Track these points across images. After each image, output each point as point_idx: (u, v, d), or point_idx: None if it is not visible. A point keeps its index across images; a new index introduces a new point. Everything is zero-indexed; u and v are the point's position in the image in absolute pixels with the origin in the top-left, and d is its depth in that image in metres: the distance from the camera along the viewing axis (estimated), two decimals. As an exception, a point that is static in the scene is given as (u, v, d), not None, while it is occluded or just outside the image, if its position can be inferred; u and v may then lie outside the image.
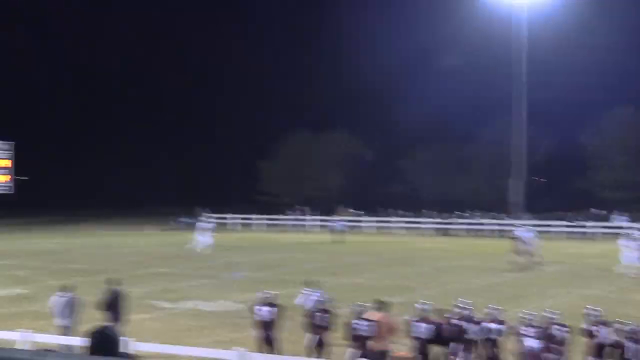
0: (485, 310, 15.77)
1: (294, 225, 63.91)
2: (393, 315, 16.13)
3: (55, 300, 18.10)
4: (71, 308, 18.00)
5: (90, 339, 3.96)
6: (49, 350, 5.28)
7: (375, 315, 15.52)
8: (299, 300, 18.83)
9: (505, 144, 68.22)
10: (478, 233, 56.29)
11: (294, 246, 46.10)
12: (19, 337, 15.58)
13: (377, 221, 61.25)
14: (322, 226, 59.89)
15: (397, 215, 61.56)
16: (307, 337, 16.38)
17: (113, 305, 18.51)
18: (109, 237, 53.53)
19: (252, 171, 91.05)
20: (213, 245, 42.62)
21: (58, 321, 17.91)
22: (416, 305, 15.74)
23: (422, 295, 24.47)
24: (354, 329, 15.21)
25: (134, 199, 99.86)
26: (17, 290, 27.04)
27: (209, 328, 20.73)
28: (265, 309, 16.88)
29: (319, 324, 16.28)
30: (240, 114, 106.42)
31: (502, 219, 58.09)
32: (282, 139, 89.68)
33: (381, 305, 15.95)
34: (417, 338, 15.20)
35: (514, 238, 36.32)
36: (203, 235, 43.10)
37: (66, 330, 17.56)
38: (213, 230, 44.81)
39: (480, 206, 64.67)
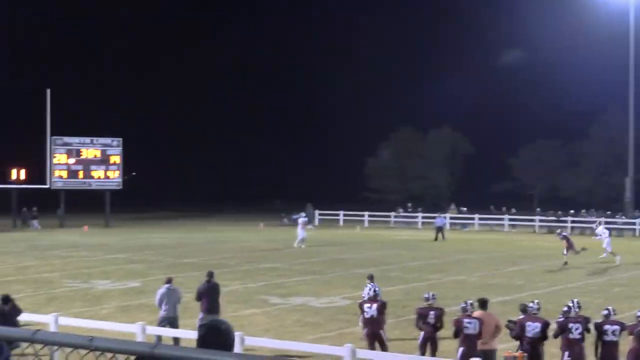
0: (602, 311, 15.43)
1: (399, 222, 63.87)
2: (498, 314, 16.03)
3: (160, 292, 18.68)
4: (174, 300, 18.55)
5: (202, 332, 3.96)
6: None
7: (480, 314, 15.47)
8: (363, 293, 18.98)
9: (617, 141, 66.42)
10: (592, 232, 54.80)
11: (398, 243, 46.07)
12: (136, 330, 16.10)
13: (483, 218, 60.52)
14: (426, 223, 59.60)
15: (504, 213, 60.50)
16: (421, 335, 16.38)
17: (208, 296, 18.94)
18: (219, 232, 54.52)
19: (359, 168, 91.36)
20: (304, 240, 43.05)
21: (162, 313, 18.44)
22: (527, 304, 15.58)
23: (531, 294, 24.23)
24: (463, 327, 15.19)
25: (244, 195, 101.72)
26: (133, 284, 27.92)
27: (318, 324, 21.00)
28: (374, 305, 16.98)
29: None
30: (349, 111, 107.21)
31: (619, 217, 56.25)
32: (389, 136, 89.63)
33: (485, 304, 15.88)
34: (527, 337, 15.06)
35: (565, 236, 36.24)
36: (301, 230, 43.65)
37: (170, 322, 18.06)
38: (306, 225, 45.09)
39: (590, 204, 63.14)
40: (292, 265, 34.21)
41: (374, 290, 17.31)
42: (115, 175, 59.55)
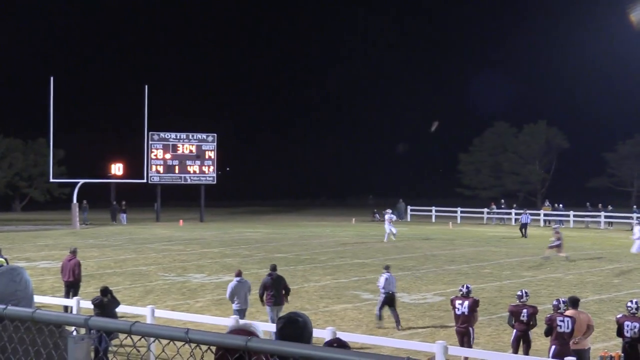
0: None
1: (492, 219, 63.06)
2: (594, 312, 15.67)
3: (231, 285, 18.89)
4: (245, 292, 18.77)
5: (280, 324, 3.98)
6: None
7: (572, 312, 15.15)
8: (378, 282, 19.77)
9: None
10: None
11: (492, 240, 45.47)
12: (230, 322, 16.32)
13: (578, 215, 59.19)
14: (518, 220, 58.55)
15: (600, 210, 59.01)
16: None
17: (273, 289, 19.09)
18: (311, 227, 54.84)
19: (453, 164, 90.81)
20: (394, 234, 43.13)
21: (235, 306, 18.68)
22: (627, 304, 15.18)
23: (629, 293, 23.63)
24: (556, 326, 14.90)
25: (338, 190, 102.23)
26: (227, 278, 28.31)
27: (410, 320, 20.91)
28: (465, 302, 16.81)
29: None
30: (445, 104, 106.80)
31: None
32: (483, 131, 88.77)
33: (576, 303, 15.53)
34: (626, 337, 14.70)
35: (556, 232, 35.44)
36: (388, 224, 43.89)
37: (240, 314, 18.29)
38: (392, 220, 45.03)
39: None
40: (384, 261, 34.20)
41: (466, 287, 17.13)
42: (209, 170, 60.48)
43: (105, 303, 16.87)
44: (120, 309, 17.46)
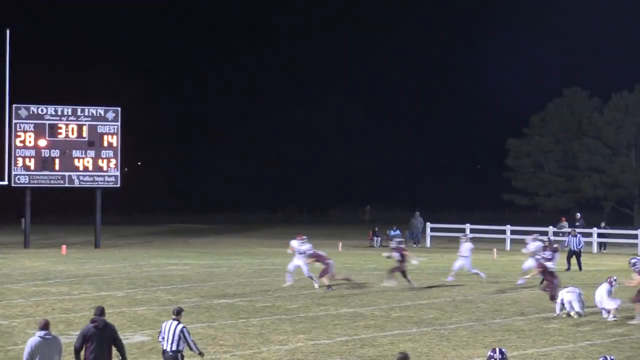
0: None
1: (563, 242, 62.87)
2: None
3: (31, 343, 18.86)
4: (52, 355, 18.84)
5: None
6: None
7: None
8: None
9: None
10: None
11: (564, 276, 45.17)
12: None
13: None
14: (612, 244, 58.78)
15: None
16: None
17: (94, 343, 19.33)
18: (272, 255, 54.71)
19: (498, 156, 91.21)
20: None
21: None
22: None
23: None
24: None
25: (312, 198, 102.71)
26: (138, 338, 27.95)
27: None
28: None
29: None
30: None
31: None
32: (545, 104, 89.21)
33: None
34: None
35: None
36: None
37: None
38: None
39: None
40: (388, 311, 33.97)
41: (500, 353, 16.81)
42: (110, 165, 60.12)
43: None
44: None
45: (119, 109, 60.51)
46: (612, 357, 16.39)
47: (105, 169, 60.09)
